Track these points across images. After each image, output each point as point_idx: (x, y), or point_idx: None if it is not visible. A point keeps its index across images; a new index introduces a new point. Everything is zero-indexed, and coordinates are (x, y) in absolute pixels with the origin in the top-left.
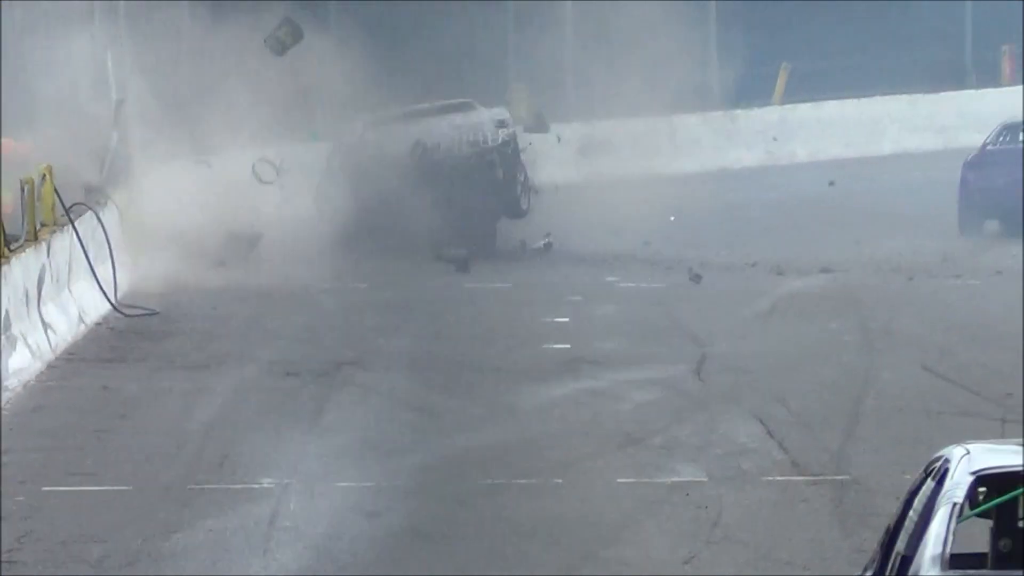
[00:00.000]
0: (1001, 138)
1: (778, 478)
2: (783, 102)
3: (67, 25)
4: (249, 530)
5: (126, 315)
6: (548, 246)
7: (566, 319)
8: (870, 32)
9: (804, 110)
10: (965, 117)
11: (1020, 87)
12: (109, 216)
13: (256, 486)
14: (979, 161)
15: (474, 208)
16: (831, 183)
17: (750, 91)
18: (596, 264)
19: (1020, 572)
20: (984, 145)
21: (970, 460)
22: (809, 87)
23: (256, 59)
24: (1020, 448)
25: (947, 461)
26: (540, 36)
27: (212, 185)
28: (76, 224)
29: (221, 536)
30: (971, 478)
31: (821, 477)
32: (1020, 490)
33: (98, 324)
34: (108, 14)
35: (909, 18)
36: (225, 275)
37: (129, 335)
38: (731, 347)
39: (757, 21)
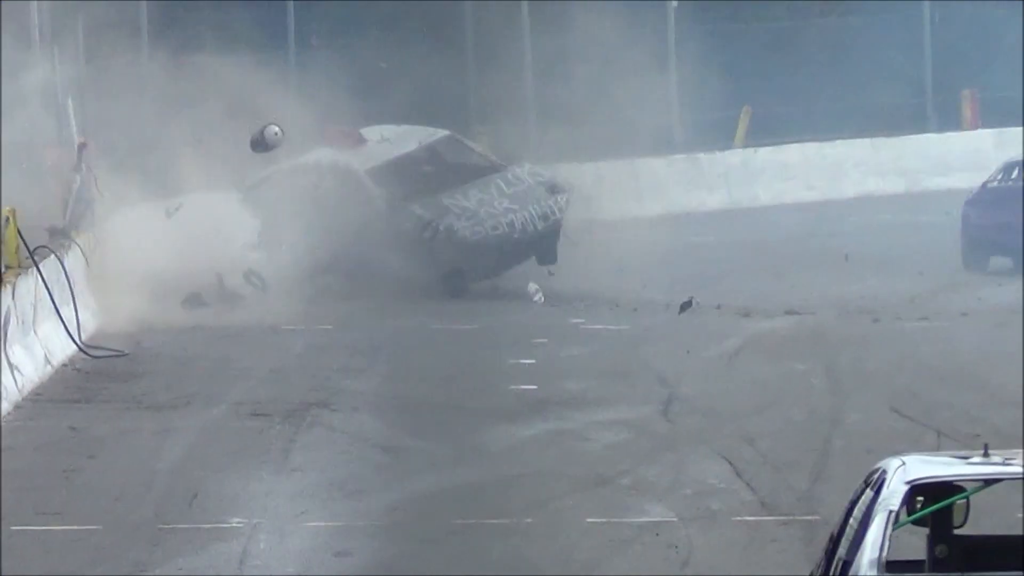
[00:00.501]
0: (1001, 176)
1: (747, 518)
2: (745, 145)
3: (28, 67)
4: (219, 569)
5: (93, 356)
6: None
7: (533, 360)
8: (831, 76)
9: (766, 153)
10: (927, 161)
11: (981, 131)
12: (73, 258)
13: (226, 525)
14: (980, 199)
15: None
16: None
17: (712, 134)
18: (562, 305)
19: (948, 572)
20: (985, 183)
21: (905, 470)
22: (771, 130)
23: (222, 100)
24: (953, 460)
25: (884, 472)
26: (500, 78)
27: (180, 226)
28: (40, 266)
29: (191, 575)
30: (906, 487)
31: (790, 517)
32: (952, 499)
33: (65, 365)
34: (68, 56)
35: (870, 62)
36: (192, 315)
37: (96, 376)
38: (698, 388)
39: (718, 64)
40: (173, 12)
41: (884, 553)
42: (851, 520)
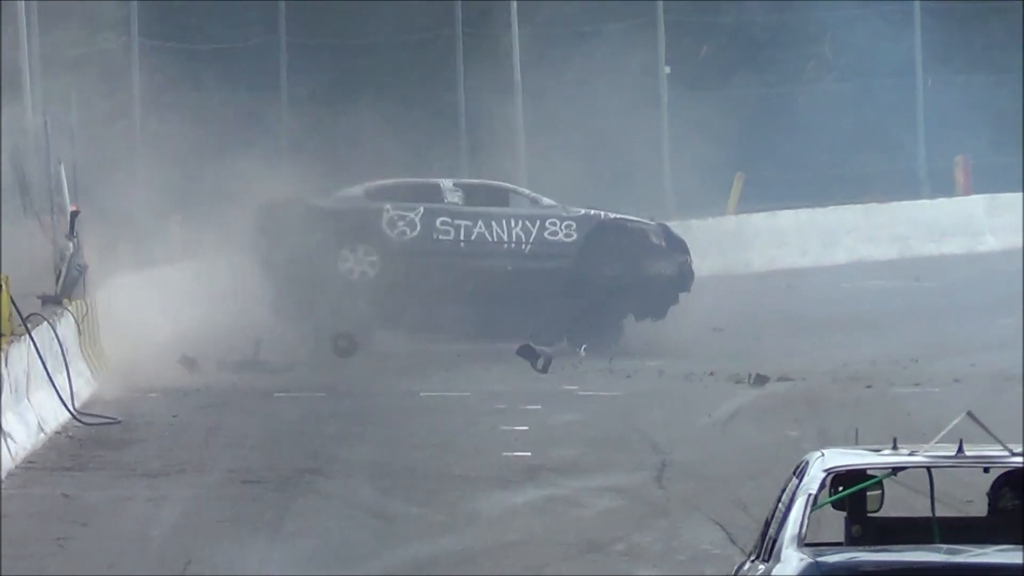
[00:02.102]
0: None
1: None
2: (738, 211)
3: (21, 132)
4: None
5: (86, 423)
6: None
7: (525, 427)
8: (824, 141)
9: (759, 219)
10: (919, 227)
11: (974, 197)
12: (66, 326)
13: None
14: None
15: None
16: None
17: (705, 200)
18: (555, 371)
19: (866, 549)
20: None
21: (824, 460)
22: (764, 196)
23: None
24: (866, 452)
25: (807, 462)
26: (492, 150)
27: (174, 291)
28: (33, 334)
29: None
30: (824, 474)
31: None
32: (863, 484)
33: (58, 432)
34: (60, 123)
35: (863, 128)
36: (185, 382)
37: (89, 443)
38: (691, 454)
39: (711, 130)
40: (165, 77)
41: (803, 530)
42: (779, 505)
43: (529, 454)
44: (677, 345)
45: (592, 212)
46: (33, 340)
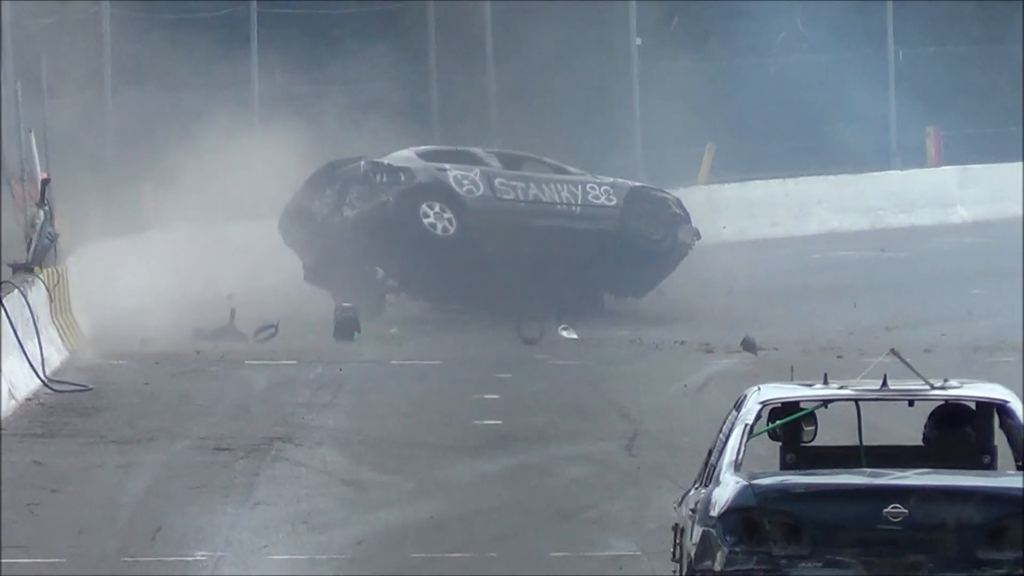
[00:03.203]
0: None
1: None
2: (709, 182)
3: None
4: None
5: (56, 391)
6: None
7: (496, 395)
8: (796, 113)
9: (730, 189)
10: (890, 198)
11: (945, 168)
12: (37, 294)
13: (189, 559)
14: None
15: None
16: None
17: (675, 171)
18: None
19: (797, 472)
20: None
21: (760, 393)
22: (735, 167)
23: (197, 135)
24: (799, 386)
25: (745, 396)
26: (464, 118)
27: (146, 259)
28: (4, 301)
29: None
30: (759, 406)
31: None
32: (795, 415)
33: (28, 400)
34: (31, 90)
35: (834, 99)
36: (156, 350)
37: (60, 410)
38: (662, 423)
39: (682, 101)
40: (136, 46)
41: (740, 457)
42: (720, 435)
43: (500, 422)
44: (647, 314)
45: (619, 180)
46: (4, 307)
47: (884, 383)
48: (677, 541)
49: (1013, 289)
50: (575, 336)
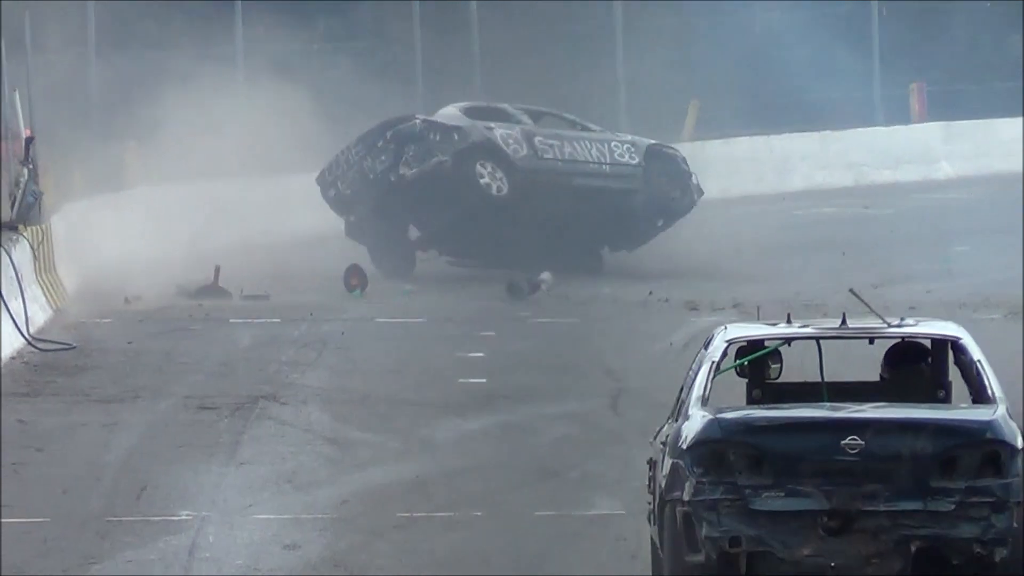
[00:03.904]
0: None
1: None
2: (693, 138)
3: None
4: (168, 562)
5: (41, 349)
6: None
7: (481, 354)
8: (779, 69)
9: (714, 146)
10: (875, 154)
11: (929, 124)
12: (21, 252)
13: (174, 518)
14: None
15: None
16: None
17: (659, 127)
18: (507, 299)
19: (761, 407)
20: None
21: (726, 332)
22: (719, 124)
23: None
24: (764, 325)
25: (713, 335)
26: (448, 69)
27: (131, 217)
28: None
29: (140, 568)
30: (725, 344)
31: None
32: (759, 353)
33: (13, 359)
34: (14, 49)
35: (818, 55)
36: (140, 308)
37: (44, 369)
38: (647, 382)
39: (666, 58)
40: (120, 4)
41: (707, 392)
42: (689, 373)
43: (484, 380)
44: (630, 272)
45: (636, 137)
46: None
47: (843, 321)
48: (651, 474)
49: (997, 246)
50: (548, 280)
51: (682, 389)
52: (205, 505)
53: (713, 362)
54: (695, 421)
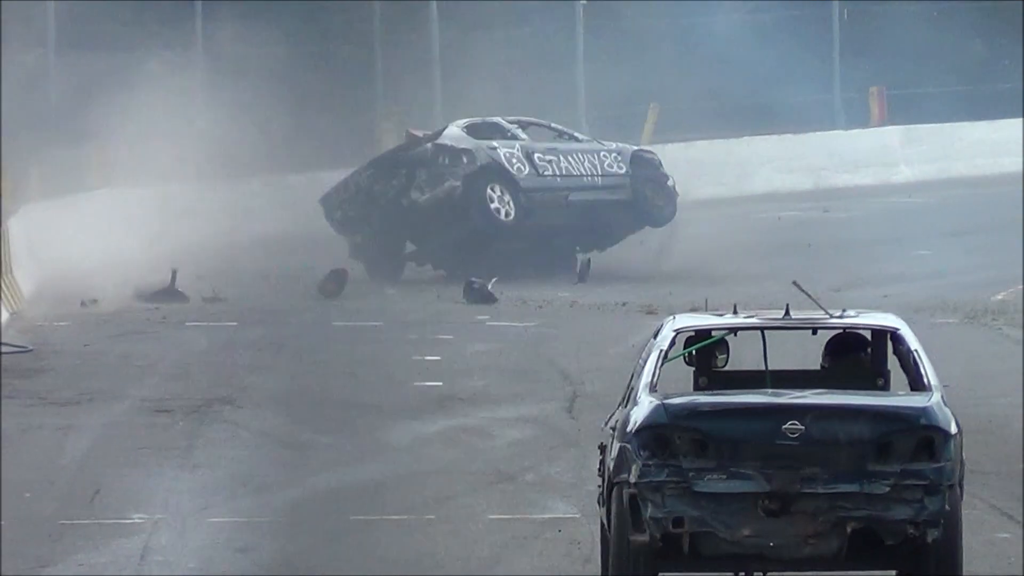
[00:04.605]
0: None
1: None
2: (653, 142)
3: None
4: (120, 565)
5: None
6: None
7: (437, 357)
8: (740, 72)
9: (674, 149)
10: (834, 157)
11: (888, 128)
12: None
13: (127, 521)
14: None
15: None
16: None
17: (619, 131)
18: (464, 301)
19: (706, 393)
20: None
21: (674, 322)
22: (679, 127)
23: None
24: (711, 315)
25: (662, 325)
26: (408, 73)
27: (88, 220)
28: None
29: (92, 571)
30: (673, 333)
31: None
32: (707, 341)
33: None
34: None
35: (779, 58)
36: (97, 311)
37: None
38: (602, 385)
39: (626, 61)
40: (80, 6)
41: (655, 379)
42: (639, 361)
43: (440, 384)
44: (591, 275)
45: (620, 144)
46: None
47: (787, 312)
48: (601, 458)
49: (955, 249)
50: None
51: (632, 376)
52: (159, 508)
53: (661, 350)
54: (643, 406)
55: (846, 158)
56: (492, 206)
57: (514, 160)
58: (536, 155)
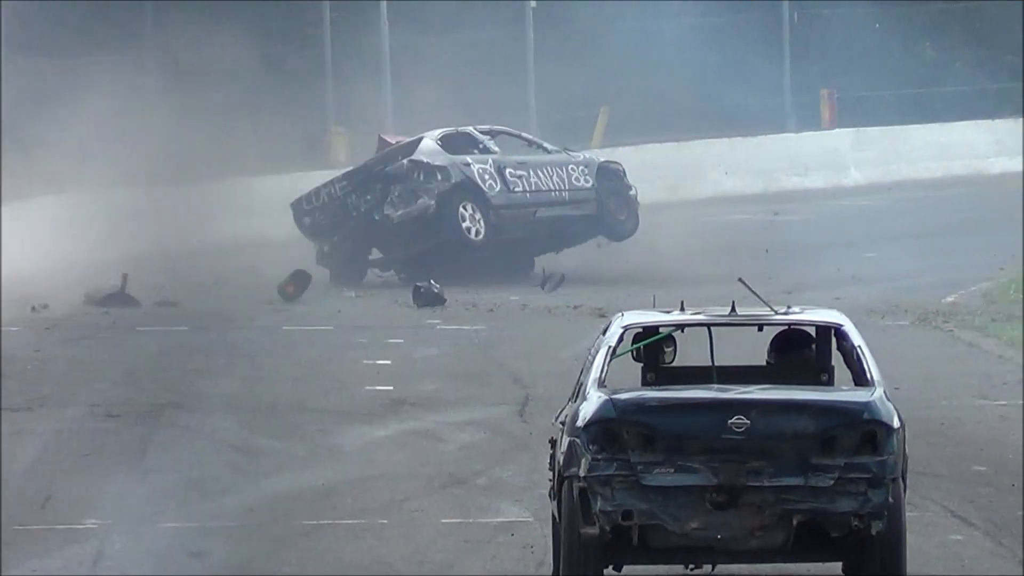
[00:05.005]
0: None
1: None
2: (603, 145)
3: None
4: (72, 571)
5: None
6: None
7: (388, 361)
8: (690, 75)
9: (624, 152)
10: (784, 160)
11: (838, 131)
12: None
13: (79, 527)
14: None
15: None
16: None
17: (569, 134)
18: (415, 306)
19: (653, 388)
20: None
21: (623, 319)
22: (629, 130)
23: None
24: (658, 312)
25: (611, 321)
26: (358, 78)
27: (37, 225)
28: None
29: None
30: (621, 329)
31: None
32: (655, 337)
33: None
34: None
35: (729, 61)
36: (47, 316)
37: None
38: (554, 388)
39: (576, 64)
40: (27, 12)
41: (603, 375)
42: (588, 357)
43: (391, 388)
44: (542, 278)
45: (586, 155)
46: None
47: (733, 309)
48: (552, 452)
49: (906, 252)
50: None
51: (582, 372)
52: (111, 513)
53: (610, 347)
54: (591, 402)
55: (796, 161)
56: (464, 225)
57: (486, 177)
58: (508, 170)
